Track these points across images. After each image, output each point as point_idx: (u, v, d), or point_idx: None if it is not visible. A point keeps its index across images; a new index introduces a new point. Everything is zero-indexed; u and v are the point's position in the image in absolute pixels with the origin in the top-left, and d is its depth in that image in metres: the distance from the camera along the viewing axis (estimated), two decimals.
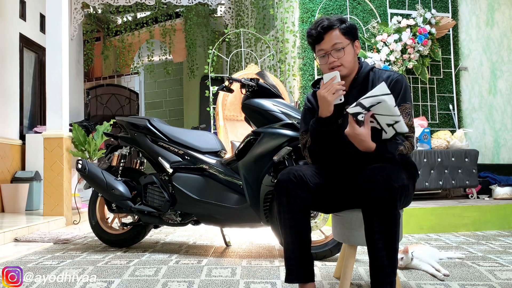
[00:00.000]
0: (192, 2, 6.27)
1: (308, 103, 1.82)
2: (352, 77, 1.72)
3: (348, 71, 1.68)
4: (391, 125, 1.51)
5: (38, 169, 4.75)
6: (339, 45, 1.66)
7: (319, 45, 1.69)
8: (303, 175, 1.58)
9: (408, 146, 1.59)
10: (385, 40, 4.54)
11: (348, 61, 1.68)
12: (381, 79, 1.67)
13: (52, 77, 4.07)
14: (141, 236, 2.82)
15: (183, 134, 2.73)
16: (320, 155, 1.73)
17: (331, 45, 1.66)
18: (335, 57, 1.66)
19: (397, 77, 1.67)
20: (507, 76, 4.64)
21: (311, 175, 1.60)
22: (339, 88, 1.60)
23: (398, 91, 1.63)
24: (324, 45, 1.67)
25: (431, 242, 2.93)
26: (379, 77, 1.69)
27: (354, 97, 1.70)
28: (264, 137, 2.32)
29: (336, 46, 1.66)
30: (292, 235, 1.58)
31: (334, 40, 1.66)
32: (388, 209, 1.42)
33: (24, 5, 5.30)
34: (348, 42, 1.68)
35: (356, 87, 1.71)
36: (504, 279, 1.95)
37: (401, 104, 1.61)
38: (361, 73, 1.72)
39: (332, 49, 1.66)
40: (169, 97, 9.82)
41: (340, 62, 1.66)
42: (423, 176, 4.06)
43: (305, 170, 1.62)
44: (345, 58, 1.66)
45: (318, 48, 1.70)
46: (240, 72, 4.56)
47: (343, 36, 1.67)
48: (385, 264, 1.42)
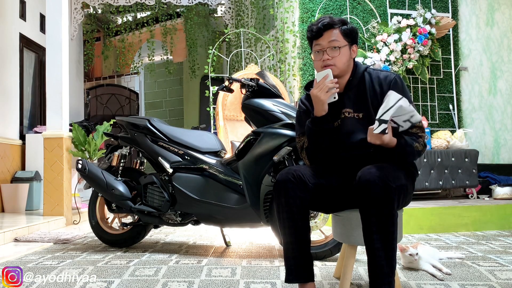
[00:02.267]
0: (192, 2, 6.27)
1: (302, 106, 1.82)
2: (346, 79, 1.72)
3: (340, 72, 1.68)
4: (407, 120, 1.55)
5: (38, 169, 4.76)
6: (336, 43, 1.66)
7: (317, 40, 1.69)
8: (302, 175, 1.58)
9: (422, 143, 1.62)
10: (385, 40, 4.54)
11: (342, 62, 1.68)
12: (378, 80, 1.68)
13: (52, 77, 4.08)
14: (141, 236, 2.82)
15: (183, 134, 2.73)
16: (318, 156, 1.73)
17: (328, 42, 1.67)
18: (330, 55, 1.67)
19: (393, 77, 1.67)
20: (507, 76, 4.64)
21: (310, 175, 1.60)
22: (331, 86, 1.61)
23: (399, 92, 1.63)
24: (321, 41, 1.68)
25: (431, 242, 2.93)
26: (375, 77, 1.70)
27: (350, 100, 1.70)
28: (264, 137, 2.32)
29: (333, 43, 1.66)
30: (291, 235, 1.58)
31: (332, 37, 1.67)
32: (385, 209, 1.42)
33: (24, 5, 5.30)
34: (345, 43, 1.68)
35: (352, 89, 1.71)
36: (504, 279, 1.95)
37: None
38: (355, 74, 1.72)
39: (329, 46, 1.67)
40: (169, 97, 9.82)
41: (334, 61, 1.67)
42: (423, 176, 4.06)
43: (304, 170, 1.62)
44: (339, 58, 1.67)
45: (315, 43, 1.71)
46: (240, 72, 4.55)
47: (342, 36, 1.68)
48: (383, 264, 1.42)
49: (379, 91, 1.66)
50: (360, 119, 1.67)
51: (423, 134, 1.63)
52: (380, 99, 1.64)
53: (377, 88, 1.67)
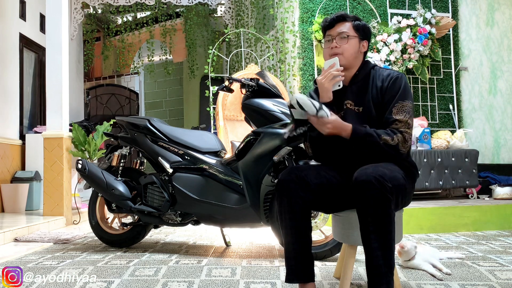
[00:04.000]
0: (192, 2, 6.27)
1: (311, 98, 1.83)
2: (352, 73, 1.74)
3: (347, 63, 1.70)
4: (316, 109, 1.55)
5: (38, 169, 4.75)
6: (345, 33, 1.71)
7: (329, 30, 1.75)
8: (304, 175, 1.58)
9: (400, 139, 1.56)
10: (385, 40, 4.54)
11: (350, 53, 1.70)
12: (382, 77, 1.69)
13: (52, 77, 4.07)
14: (141, 236, 2.82)
15: (183, 134, 2.73)
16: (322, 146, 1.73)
17: (338, 31, 1.72)
18: (338, 43, 1.70)
19: (396, 75, 1.68)
20: (507, 76, 4.64)
21: (312, 175, 1.60)
22: (336, 74, 1.65)
23: (397, 89, 1.64)
24: (332, 31, 1.74)
25: (431, 242, 2.93)
26: (380, 75, 1.71)
27: (353, 93, 1.72)
28: (264, 137, 2.32)
29: (342, 33, 1.71)
30: (292, 235, 1.58)
31: (343, 29, 1.72)
32: (381, 209, 1.42)
33: (24, 5, 5.30)
34: (355, 35, 1.72)
35: (357, 83, 1.73)
36: (504, 279, 1.95)
37: (398, 101, 1.62)
38: (362, 70, 1.74)
39: (338, 35, 1.71)
40: (169, 97, 9.82)
41: (342, 50, 1.70)
42: (423, 176, 4.06)
43: (306, 170, 1.62)
44: (347, 48, 1.70)
45: (327, 33, 1.76)
46: (240, 72, 4.55)
47: (353, 29, 1.72)
48: (380, 264, 1.42)
49: (379, 87, 1.67)
50: (360, 113, 1.68)
51: (406, 130, 1.58)
52: (381, 95, 1.66)
53: (378, 84, 1.68)
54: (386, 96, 1.65)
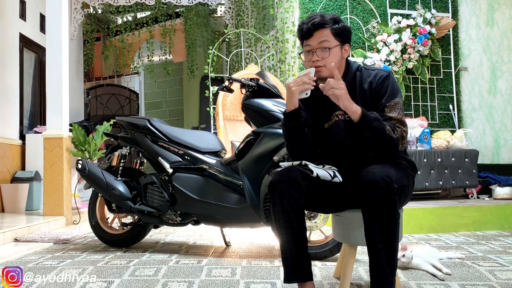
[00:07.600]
0: (192, 2, 6.27)
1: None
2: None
3: (330, 74, 1.59)
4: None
5: (38, 169, 4.75)
6: (326, 44, 1.62)
7: (307, 40, 1.65)
8: (296, 175, 1.57)
9: (399, 133, 1.55)
10: (385, 40, 4.54)
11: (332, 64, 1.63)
12: (369, 79, 1.65)
13: (52, 77, 4.07)
14: (141, 236, 2.82)
15: (183, 134, 2.73)
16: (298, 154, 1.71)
17: (318, 43, 1.63)
18: (320, 56, 1.63)
19: (382, 74, 1.64)
20: (507, 76, 4.64)
21: (304, 176, 1.59)
22: (306, 81, 1.56)
23: (385, 89, 1.62)
24: (311, 41, 1.64)
25: (431, 242, 2.93)
26: (366, 76, 1.67)
27: None
28: (264, 137, 2.32)
29: (323, 44, 1.62)
30: (287, 235, 1.58)
31: (322, 38, 1.62)
32: (387, 209, 1.42)
33: (24, 5, 5.30)
34: (336, 43, 1.64)
35: None
36: (504, 279, 1.95)
37: (389, 100, 1.60)
38: (347, 75, 1.69)
39: (319, 46, 1.63)
40: (169, 97, 9.82)
41: (324, 62, 1.62)
42: (423, 176, 4.06)
43: (298, 171, 1.61)
44: (329, 60, 1.62)
45: (305, 43, 1.67)
46: (240, 72, 4.55)
47: (333, 36, 1.63)
48: (384, 264, 1.42)
49: (368, 89, 1.64)
50: (350, 121, 1.62)
51: (402, 128, 1.57)
52: (369, 97, 1.63)
53: (365, 87, 1.64)
54: (376, 97, 1.62)
